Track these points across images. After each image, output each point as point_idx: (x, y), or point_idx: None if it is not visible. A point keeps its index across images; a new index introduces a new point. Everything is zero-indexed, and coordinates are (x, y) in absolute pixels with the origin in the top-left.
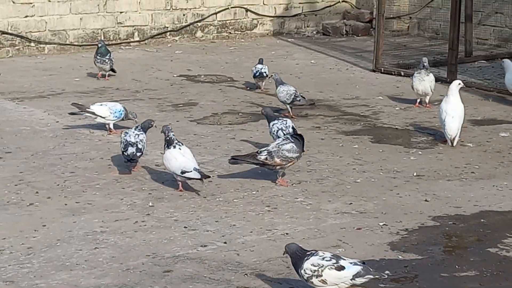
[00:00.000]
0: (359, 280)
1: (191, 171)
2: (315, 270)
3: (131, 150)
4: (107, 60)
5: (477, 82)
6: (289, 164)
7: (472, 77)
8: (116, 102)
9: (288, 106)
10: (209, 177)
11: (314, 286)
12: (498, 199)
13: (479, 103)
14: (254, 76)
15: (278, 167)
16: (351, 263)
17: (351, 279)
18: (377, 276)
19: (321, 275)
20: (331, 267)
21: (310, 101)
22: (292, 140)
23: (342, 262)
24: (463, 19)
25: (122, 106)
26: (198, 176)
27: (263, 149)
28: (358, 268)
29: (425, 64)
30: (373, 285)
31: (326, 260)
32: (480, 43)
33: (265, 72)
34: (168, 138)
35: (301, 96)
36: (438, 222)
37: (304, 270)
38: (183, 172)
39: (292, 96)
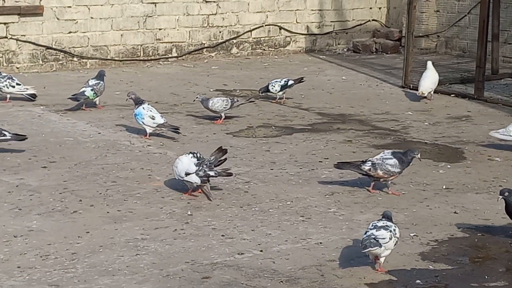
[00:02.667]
0: None
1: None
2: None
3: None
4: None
5: (504, 98)
6: (392, 177)
7: (499, 93)
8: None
9: (222, 114)
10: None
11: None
12: None
13: (506, 119)
14: (282, 89)
15: (381, 179)
16: None
17: None
18: None
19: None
20: None
21: (249, 98)
22: (396, 157)
23: None
24: (490, 38)
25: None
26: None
27: (368, 159)
28: None
29: None
30: None
31: None
32: (506, 61)
33: (291, 81)
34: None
35: (237, 99)
36: (467, 234)
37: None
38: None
39: (230, 101)
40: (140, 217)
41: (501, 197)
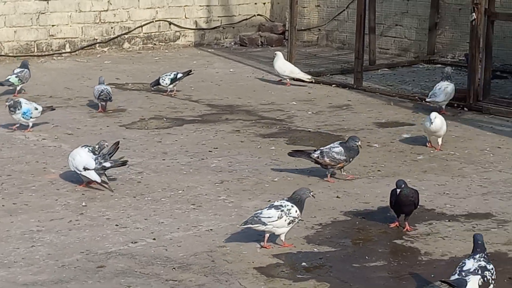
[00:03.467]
0: None
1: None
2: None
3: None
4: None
5: (381, 88)
6: (338, 165)
7: (376, 83)
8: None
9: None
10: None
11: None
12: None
13: (383, 107)
14: (172, 82)
15: (328, 166)
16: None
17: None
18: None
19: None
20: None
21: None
22: (342, 146)
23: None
24: (367, 31)
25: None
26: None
27: (318, 149)
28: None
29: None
30: (291, 276)
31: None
32: (382, 52)
33: (180, 74)
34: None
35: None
36: (349, 217)
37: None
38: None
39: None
40: (35, 209)
41: (399, 190)
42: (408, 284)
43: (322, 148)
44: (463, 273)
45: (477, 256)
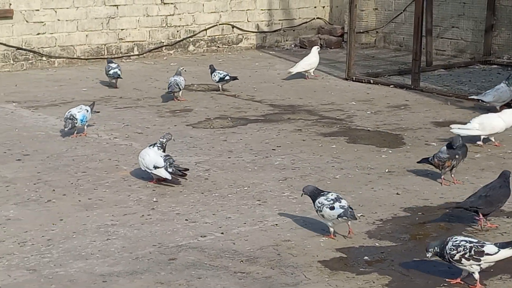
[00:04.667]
0: (341, 219)
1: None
2: (319, 207)
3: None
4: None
5: (438, 88)
6: (446, 163)
7: (433, 84)
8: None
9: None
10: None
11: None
12: (460, 191)
13: (440, 107)
14: (220, 80)
15: (439, 167)
16: (340, 206)
17: (336, 218)
18: (351, 218)
19: (321, 211)
20: (327, 206)
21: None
22: (446, 145)
23: (335, 204)
24: (424, 33)
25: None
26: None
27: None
28: (341, 211)
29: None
30: (354, 270)
31: (327, 201)
32: (439, 53)
33: (228, 76)
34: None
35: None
36: (408, 213)
37: (314, 206)
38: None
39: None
40: (109, 204)
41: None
42: (468, 279)
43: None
44: None
45: None
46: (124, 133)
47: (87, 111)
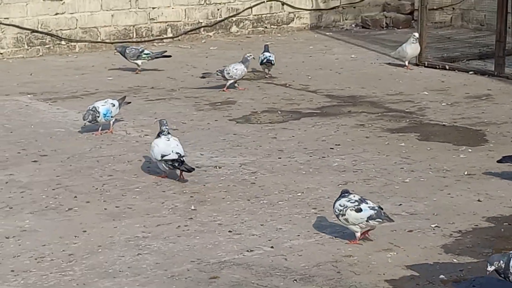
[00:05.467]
0: (372, 222)
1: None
2: (340, 210)
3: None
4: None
5: None
6: None
7: None
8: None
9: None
10: (193, 169)
11: (342, 224)
12: None
13: None
14: (261, 63)
15: None
16: (369, 207)
17: (366, 221)
18: (386, 220)
19: (345, 215)
20: (352, 209)
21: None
22: None
23: (362, 206)
24: (510, 9)
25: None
26: (175, 156)
27: None
28: (371, 212)
29: None
30: None
31: (351, 202)
32: None
33: (272, 60)
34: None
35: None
36: (492, 223)
37: (334, 210)
38: (162, 156)
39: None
40: (140, 213)
41: None
42: None
43: None
44: None
45: None
46: (156, 129)
47: (113, 105)
